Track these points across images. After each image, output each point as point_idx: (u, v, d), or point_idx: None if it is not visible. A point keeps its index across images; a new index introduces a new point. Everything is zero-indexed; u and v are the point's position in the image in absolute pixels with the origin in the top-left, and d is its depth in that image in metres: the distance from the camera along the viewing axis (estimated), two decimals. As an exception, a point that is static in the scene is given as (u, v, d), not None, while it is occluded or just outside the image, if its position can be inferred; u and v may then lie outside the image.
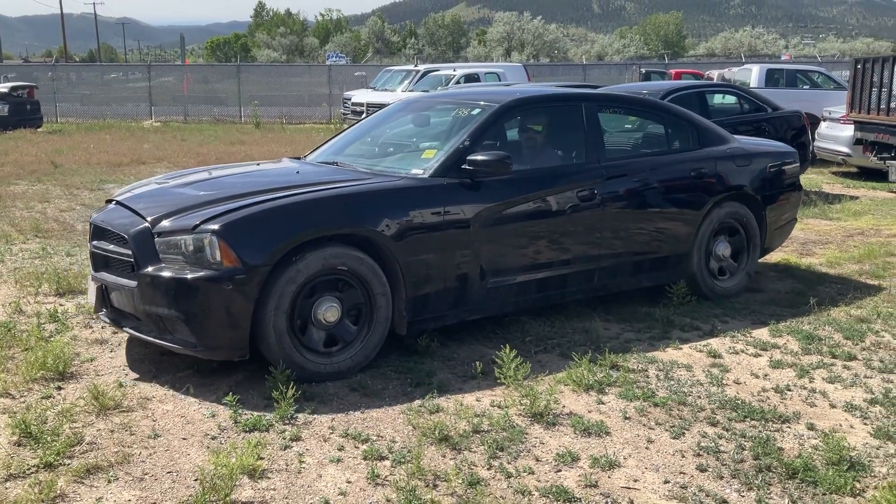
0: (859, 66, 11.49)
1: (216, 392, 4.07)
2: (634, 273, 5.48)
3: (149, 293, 4.08)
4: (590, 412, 3.88)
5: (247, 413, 3.80)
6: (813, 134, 12.21)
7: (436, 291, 4.56)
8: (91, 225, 4.68)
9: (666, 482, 3.25)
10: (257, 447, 3.37)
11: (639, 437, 3.64)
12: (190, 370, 4.32)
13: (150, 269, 4.08)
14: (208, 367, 4.32)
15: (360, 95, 21.36)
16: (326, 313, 4.20)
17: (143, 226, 4.22)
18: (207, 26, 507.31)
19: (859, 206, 10.08)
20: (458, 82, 18.92)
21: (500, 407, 3.93)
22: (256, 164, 5.66)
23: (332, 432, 3.64)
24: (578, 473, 3.30)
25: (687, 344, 4.88)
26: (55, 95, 26.25)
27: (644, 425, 3.75)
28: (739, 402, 4.01)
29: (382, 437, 3.60)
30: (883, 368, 4.51)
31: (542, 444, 3.55)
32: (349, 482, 3.21)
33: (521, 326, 5.10)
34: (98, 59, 72.74)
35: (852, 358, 4.66)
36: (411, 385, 4.18)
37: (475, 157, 4.65)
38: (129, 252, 4.19)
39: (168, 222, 4.18)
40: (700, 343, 4.90)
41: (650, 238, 5.49)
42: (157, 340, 4.20)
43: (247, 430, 3.63)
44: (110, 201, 4.90)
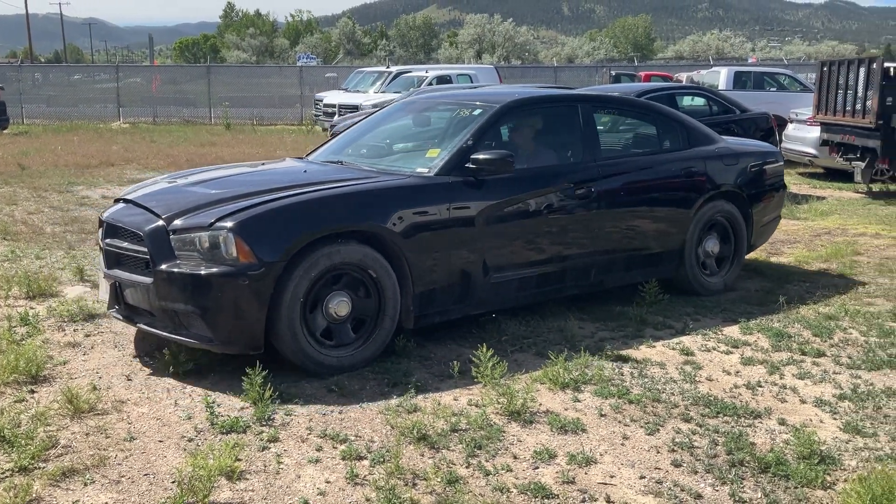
0: (825, 69, 11.69)
1: (192, 394, 4.05)
2: (628, 269, 5.64)
3: (165, 289, 4.15)
4: (566, 410, 3.92)
5: (224, 414, 3.79)
6: (780, 135, 12.39)
7: (441, 287, 4.68)
8: (103, 223, 4.73)
9: (641, 478, 3.29)
10: (235, 448, 3.36)
11: (614, 433, 3.68)
12: (165, 372, 4.29)
13: (166, 265, 4.15)
14: (184, 368, 4.29)
15: (332, 97, 21.26)
16: (338, 308, 4.31)
17: (158, 223, 4.29)
18: (176, 27, 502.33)
19: (826, 206, 10.26)
20: (430, 84, 18.94)
21: (477, 406, 3.95)
22: (262, 164, 5.76)
23: (310, 433, 3.63)
24: (556, 470, 3.33)
25: (660, 342, 4.95)
26: (21, 97, 25.81)
27: (619, 422, 3.80)
28: (712, 398, 4.07)
29: (361, 436, 3.61)
30: (851, 364, 4.60)
31: (520, 441, 3.58)
32: (328, 482, 3.21)
33: (498, 326, 5.13)
34: (64, 59, 71.61)
35: (821, 354, 4.76)
36: (389, 385, 4.19)
37: (479, 155, 4.78)
38: (145, 249, 4.25)
39: (183, 220, 4.26)
40: (673, 341, 4.96)
41: (643, 235, 5.65)
42: (171, 335, 4.26)
43: (224, 431, 3.62)
44: (120, 200, 4.97)
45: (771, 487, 3.22)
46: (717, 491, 3.19)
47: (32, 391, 4.07)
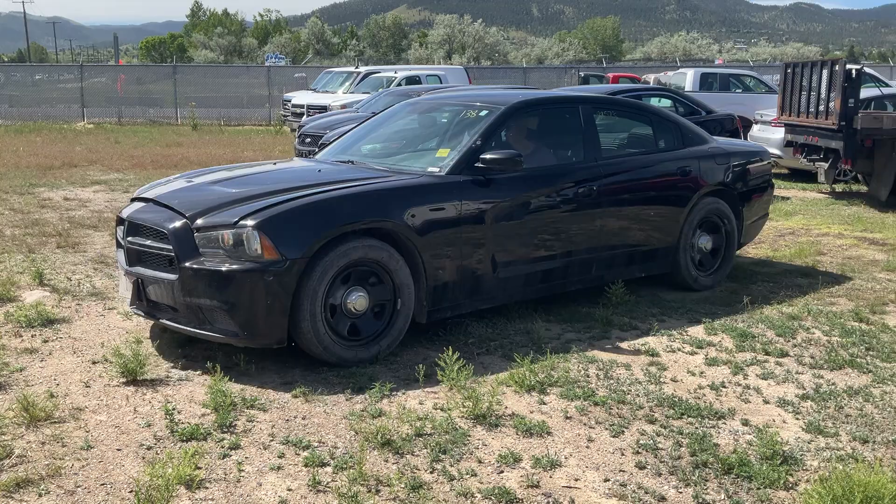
0: (789, 71, 11.82)
1: (153, 401, 3.98)
2: (628, 264, 5.86)
3: (191, 285, 4.27)
4: (532, 413, 3.91)
5: (184, 421, 3.72)
6: (745, 137, 12.52)
7: (453, 282, 4.86)
8: (125, 221, 4.80)
9: (606, 480, 3.29)
10: (195, 456, 3.29)
11: (579, 436, 3.67)
12: (124, 380, 4.21)
13: (192, 262, 4.27)
14: (143, 374, 4.21)
15: (301, 97, 21.13)
16: (356, 303, 4.46)
17: (182, 222, 4.41)
18: (142, 26, 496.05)
19: (790, 206, 10.38)
20: (399, 84, 18.89)
21: (442, 410, 3.92)
22: (273, 164, 5.92)
23: (272, 439, 3.58)
24: (520, 474, 3.32)
25: (626, 343, 4.96)
26: (-19, 97, 25.35)
27: (585, 424, 3.79)
28: (677, 399, 4.08)
29: (324, 443, 3.56)
30: (814, 364, 4.64)
31: (485, 445, 3.56)
32: (290, 490, 3.16)
33: (464, 329, 5.11)
34: (28, 59, 70.41)
35: (784, 354, 4.80)
36: (354, 390, 4.15)
37: (488, 155, 4.94)
38: (169, 247, 4.36)
39: (207, 218, 4.38)
40: (638, 342, 4.98)
41: (641, 231, 5.86)
42: (194, 330, 4.38)
43: (184, 439, 3.55)
44: (137, 199, 5.05)
45: (734, 489, 3.23)
46: (681, 493, 3.20)
47: (-13, 399, 3.97)
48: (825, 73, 10.64)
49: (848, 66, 10.41)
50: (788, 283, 6.49)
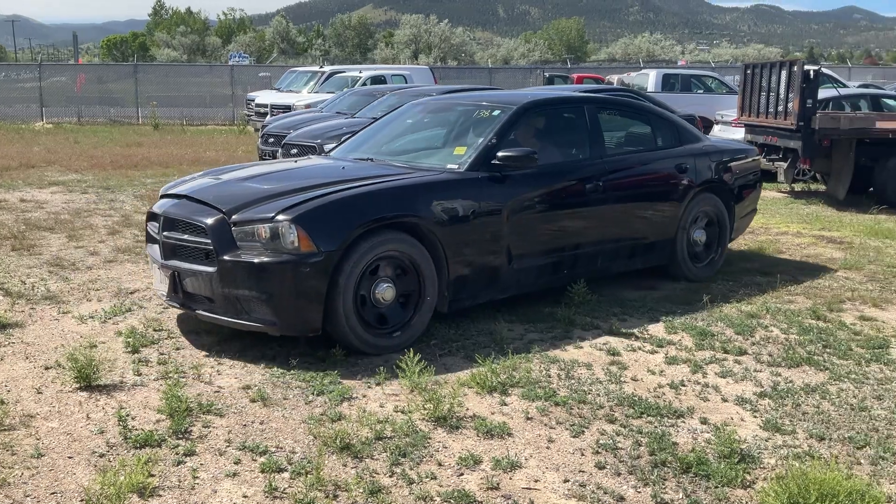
0: (749, 72, 11.97)
1: (106, 407, 3.89)
2: (630, 256, 6.14)
3: (229, 277, 4.44)
4: (493, 414, 3.89)
5: (138, 428, 3.64)
6: (707, 136, 12.64)
7: (472, 273, 5.08)
8: (159, 217, 4.91)
9: (566, 481, 3.28)
10: (148, 464, 3.23)
11: (540, 437, 3.67)
12: (78, 385, 4.11)
13: (230, 255, 4.45)
14: (97, 379, 4.12)
15: (264, 97, 20.92)
16: (384, 293, 4.67)
17: (219, 216, 4.57)
18: (104, 24, 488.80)
19: (750, 205, 10.48)
20: (363, 84, 18.80)
21: (403, 412, 3.89)
22: (294, 161, 6.25)
23: (228, 445, 3.52)
24: (480, 476, 3.30)
25: (587, 342, 4.97)
26: (-64, 96, 24.74)
27: (545, 425, 3.79)
28: (636, 398, 4.09)
29: (282, 448, 3.51)
30: (771, 362, 4.69)
31: (445, 448, 3.54)
32: (245, 497, 3.11)
33: (427, 329, 5.06)
34: (-15, 57, 68.97)
35: (743, 353, 4.84)
36: (314, 393, 4.10)
37: (504, 152, 5.18)
38: (208, 241, 4.53)
39: (244, 213, 4.55)
40: (600, 341, 4.99)
41: (642, 225, 6.14)
42: (231, 320, 4.56)
43: (137, 445, 3.48)
44: (167, 196, 5.19)
45: (692, 488, 3.24)
46: (640, 492, 3.20)
47: (-67, 408, 3.85)
48: (784, 74, 10.79)
49: (806, 67, 10.58)
50: (747, 281, 6.56)
